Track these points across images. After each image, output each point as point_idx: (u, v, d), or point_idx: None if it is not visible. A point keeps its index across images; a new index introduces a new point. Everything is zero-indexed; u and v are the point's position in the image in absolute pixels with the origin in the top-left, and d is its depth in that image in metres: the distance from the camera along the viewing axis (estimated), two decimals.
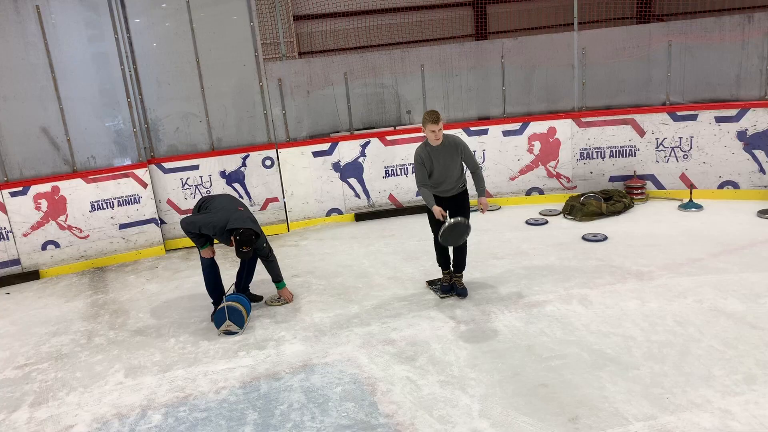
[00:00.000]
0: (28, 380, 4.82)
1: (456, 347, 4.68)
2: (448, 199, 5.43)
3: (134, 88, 7.39)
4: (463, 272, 5.67)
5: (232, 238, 5.14)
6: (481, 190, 5.42)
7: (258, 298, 5.87)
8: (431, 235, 5.66)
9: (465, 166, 5.40)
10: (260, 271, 6.65)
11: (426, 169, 5.27)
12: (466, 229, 5.20)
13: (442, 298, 5.59)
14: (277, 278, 5.72)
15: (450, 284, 5.68)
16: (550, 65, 8.15)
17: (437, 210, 5.13)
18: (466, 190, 5.50)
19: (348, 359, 4.66)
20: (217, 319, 5.27)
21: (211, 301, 5.64)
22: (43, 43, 6.90)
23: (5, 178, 7.01)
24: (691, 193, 7.60)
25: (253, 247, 5.21)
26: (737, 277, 5.42)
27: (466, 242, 5.54)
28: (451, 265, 5.67)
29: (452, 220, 5.11)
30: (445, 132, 5.23)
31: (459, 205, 5.44)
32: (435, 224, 5.54)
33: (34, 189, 7.07)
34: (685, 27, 7.68)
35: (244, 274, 5.75)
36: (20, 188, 7.02)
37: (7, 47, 6.80)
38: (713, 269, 5.65)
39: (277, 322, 5.40)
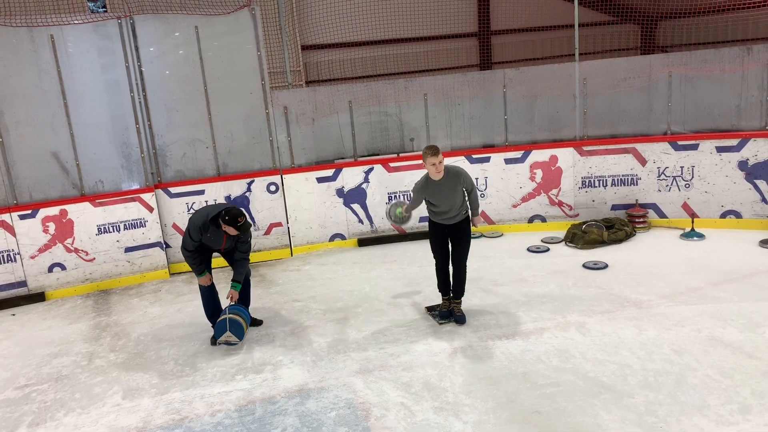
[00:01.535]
0: (27, 401, 4.86)
1: (452, 373, 4.69)
2: (449, 227, 5.50)
3: (143, 114, 7.57)
4: (462, 298, 5.69)
5: (220, 221, 5.15)
6: (475, 211, 5.59)
7: (258, 322, 5.91)
8: (432, 261, 5.71)
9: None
10: (261, 295, 6.72)
11: (422, 198, 5.41)
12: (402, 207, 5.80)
13: (441, 324, 5.61)
14: (238, 279, 5.51)
15: (449, 310, 5.70)
16: (551, 95, 8.26)
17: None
18: (468, 216, 5.57)
19: (344, 384, 4.67)
20: (218, 329, 5.36)
21: (211, 325, 5.70)
22: (56, 70, 7.11)
23: (15, 201, 7.16)
24: (693, 222, 7.61)
25: (245, 223, 5.18)
26: (737, 307, 5.40)
27: (466, 269, 5.60)
28: (450, 291, 5.71)
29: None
30: (446, 164, 5.32)
31: (461, 232, 5.50)
32: (437, 250, 5.60)
33: (43, 212, 7.21)
34: (685, 58, 7.78)
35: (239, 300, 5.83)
36: (29, 211, 7.16)
37: (22, 74, 7.02)
38: (713, 298, 5.64)
39: (275, 347, 5.43)
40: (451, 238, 5.54)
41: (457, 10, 12.42)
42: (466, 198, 5.51)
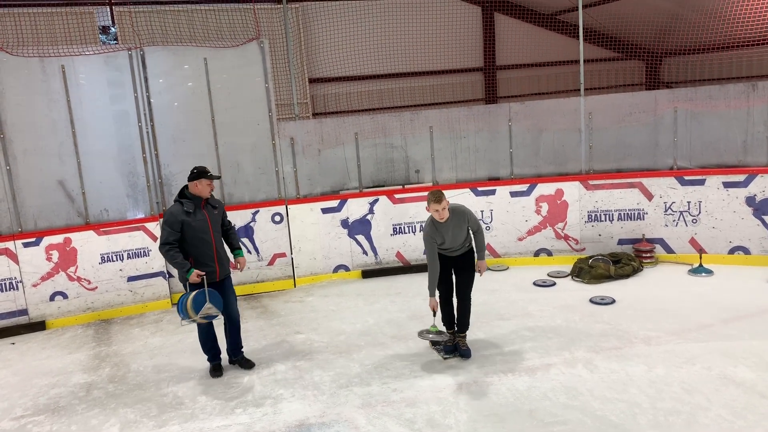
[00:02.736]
0: None
1: (456, 410, 4.58)
2: (454, 258, 5.47)
3: (150, 144, 7.61)
4: (467, 332, 5.60)
5: (191, 186, 5.26)
6: (480, 253, 5.49)
7: (250, 365, 5.62)
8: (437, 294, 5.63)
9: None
10: (263, 327, 6.64)
11: (436, 243, 5.35)
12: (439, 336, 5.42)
13: (445, 358, 5.51)
14: (237, 245, 5.64)
15: (453, 344, 5.61)
16: (557, 129, 8.28)
17: (432, 303, 5.36)
18: (472, 248, 5.54)
19: (345, 420, 4.57)
20: (196, 302, 5.07)
21: (207, 359, 5.60)
22: (66, 100, 7.19)
23: (19, 229, 7.15)
24: (701, 257, 7.53)
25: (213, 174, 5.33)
26: (747, 345, 5.29)
27: (470, 301, 5.53)
28: (455, 325, 5.62)
29: (434, 333, 5.39)
30: (451, 204, 5.29)
31: (464, 262, 5.48)
32: (441, 281, 5.50)
33: (47, 240, 7.20)
34: (691, 94, 7.81)
35: (228, 337, 5.63)
36: (33, 239, 7.15)
37: (32, 103, 7.09)
38: (723, 336, 5.53)
39: (277, 380, 5.33)
40: (454, 268, 5.51)
41: (462, 45, 12.58)
42: (472, 236, 5.48)
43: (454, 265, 5.50)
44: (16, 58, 6.98)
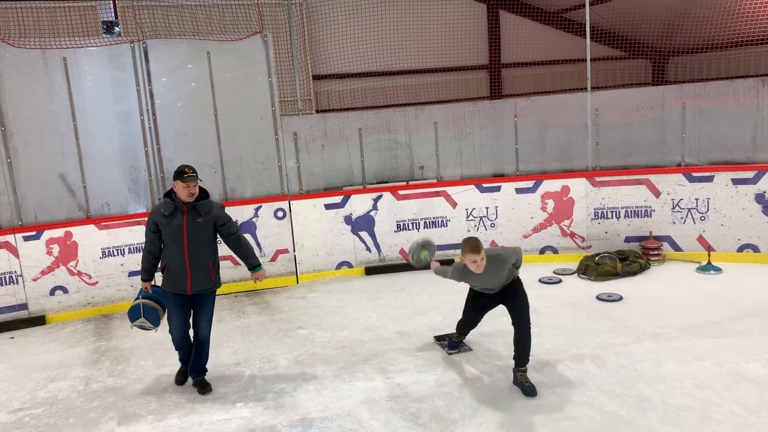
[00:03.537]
0: (20, 425, 4.68)
1: (462, 405, 4.49)
2: (496, 294, 4.92)
3: (153, 138, 7.53)
4: (527, 365, 4.75)
5: (173, 188, 4.72)
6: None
7: (208, 389, 5.01)
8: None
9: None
10: (265, 323, 6.54)
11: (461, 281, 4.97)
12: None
13: (450, 354, 5.42)
14: (254, 262, 5.09)
15: (458, 341, 5.51)
16: (563, 125, 8.20)
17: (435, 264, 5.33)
18: (518, 277, 4.91)
19: (348, 414, 4.47)
20: (132, 314, 5.20)
21: (178, 358, 5.33)
22: (68, 92, 7.12)
23: (20, 223, 7.08)
24: (709, 255, 7.42)
25: (193, 175, 4.65)
26: (759, 341, 5.18)
27: (530, 330, 4.78)
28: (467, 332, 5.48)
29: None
30: (489, 252, 4.67)
31: (512, 292, 4.87)
32: (469, 312, 5.27)
33: (47, 234, 7.12)
34: (699, 90, 7.72)
35: (192, 355, 5.10)
36: (34, 233, 7.07)
37: (33, 96, 7.02)
38: (733, 332, 5.43)
39: (278, 374, 5.25)
40: (503, 301, 4.91)
41: (467, 43, 12.50)
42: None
43: (500, 299, 4.93)
44: (18, 50, 6.91)
